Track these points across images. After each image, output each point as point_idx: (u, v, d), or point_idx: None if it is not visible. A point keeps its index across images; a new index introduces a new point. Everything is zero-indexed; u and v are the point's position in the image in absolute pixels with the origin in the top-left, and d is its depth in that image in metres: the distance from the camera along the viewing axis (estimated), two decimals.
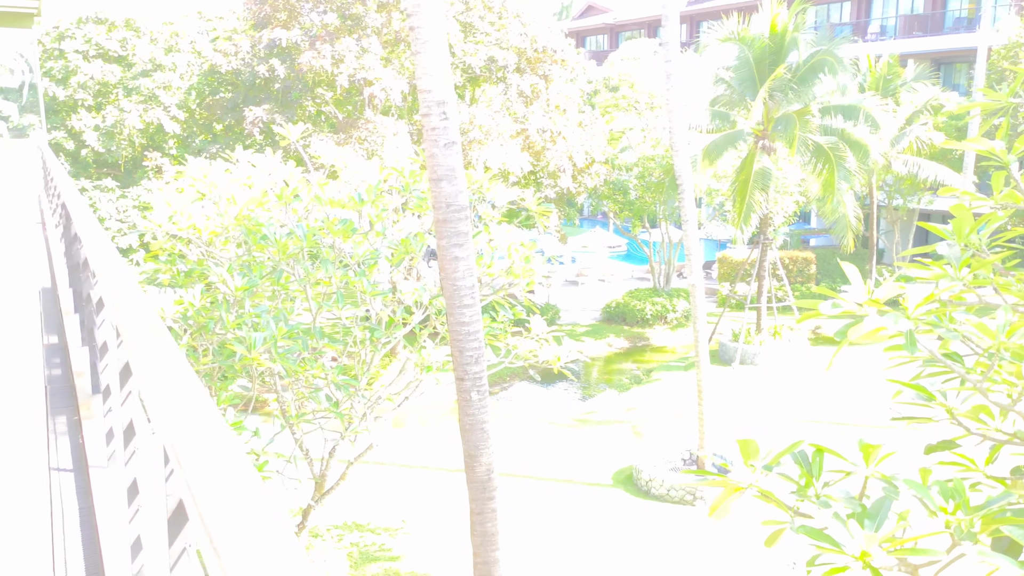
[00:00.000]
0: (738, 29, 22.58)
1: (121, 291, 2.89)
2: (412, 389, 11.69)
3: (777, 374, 23.31)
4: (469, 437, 7.18)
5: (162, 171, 22.85)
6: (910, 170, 29.29)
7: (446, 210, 6.91)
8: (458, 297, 7.03)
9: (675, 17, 13.99)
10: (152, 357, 2.12)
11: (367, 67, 20.17)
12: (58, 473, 4.28)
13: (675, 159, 14.67)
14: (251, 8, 22.99)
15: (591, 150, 23.90)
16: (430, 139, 6.76)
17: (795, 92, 22.11)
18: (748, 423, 19.22)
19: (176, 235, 10.46)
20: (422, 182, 11.41)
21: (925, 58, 38.69)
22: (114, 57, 22.57)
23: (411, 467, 17.03)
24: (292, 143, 12.19)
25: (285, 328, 9.39)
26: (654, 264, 33.02)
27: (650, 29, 59.12)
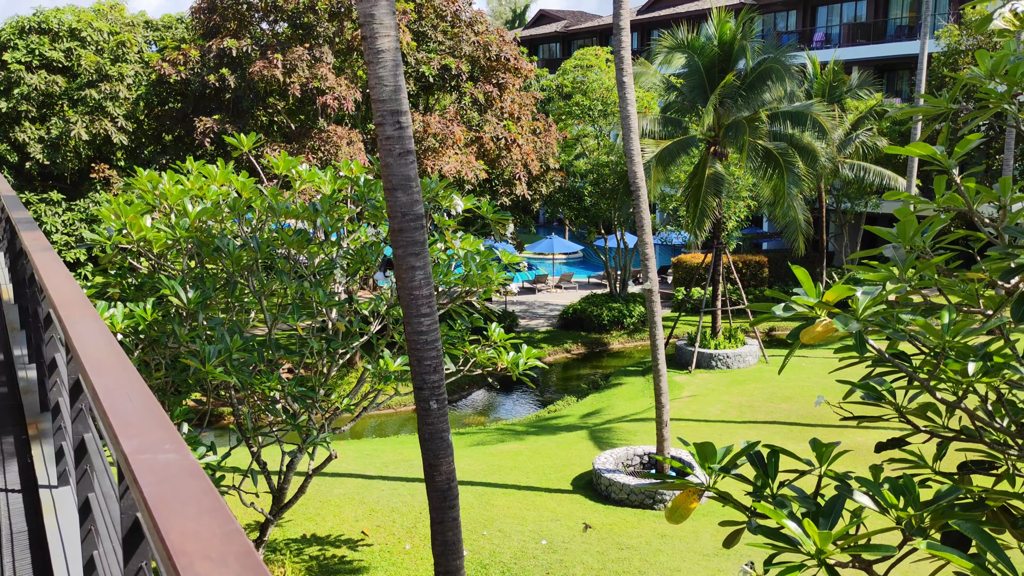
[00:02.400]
0: (688, 37, 22.92)
1: (70, 306, 2.83)
2: (371, 400, 11.62)
3: (734, 377, 23.64)
4: (429, 446, 7.15)
5: (110, 183, 22.41)
6: (856, 174, 30.01)
7: (401, 220, 6.89)
8: (415, 307, 7.01)
9: (627, 27, 14.15)
10: (105, 373, 2.09)
11: (320, 76, 20.04)
12: (4, 495, 4.17)
13: (630, 166, 14.82)
14: (200, 18, 22.69)
15: (546, 157, 24.03)
16: (384, 149, 6.73)
17: (744, 99, 22.51)
18: (707, 426, 19.46)
19: (126, 248, 10.25)
20: (377, 192, 11.36)
21: (868, 65, 39.73)
22: (58, 67, 22.09)
23: (370, 478, 16.89)
24: (245, 153, 12.05)
25: (240, 340, 9.26)
26: (610, 270, 33.29)
27: (602, 37, 59.69)
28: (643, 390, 23.52)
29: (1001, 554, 2.74)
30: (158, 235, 10.04)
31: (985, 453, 4.63)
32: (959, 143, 4.13)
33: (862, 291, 3.69)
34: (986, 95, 4.68)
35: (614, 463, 16.38)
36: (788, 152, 22.53)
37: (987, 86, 4.79)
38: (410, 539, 14.11)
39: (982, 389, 4.17)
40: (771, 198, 23.12)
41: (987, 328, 3.60)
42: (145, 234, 9.93)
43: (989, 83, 4.72)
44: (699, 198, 22.60)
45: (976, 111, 4.69)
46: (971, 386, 3.87)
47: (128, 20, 23.75)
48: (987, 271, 4.14)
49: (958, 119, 4.93)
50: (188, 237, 10.13)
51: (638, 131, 14.82)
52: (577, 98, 29.66)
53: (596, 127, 31.02)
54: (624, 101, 14.56)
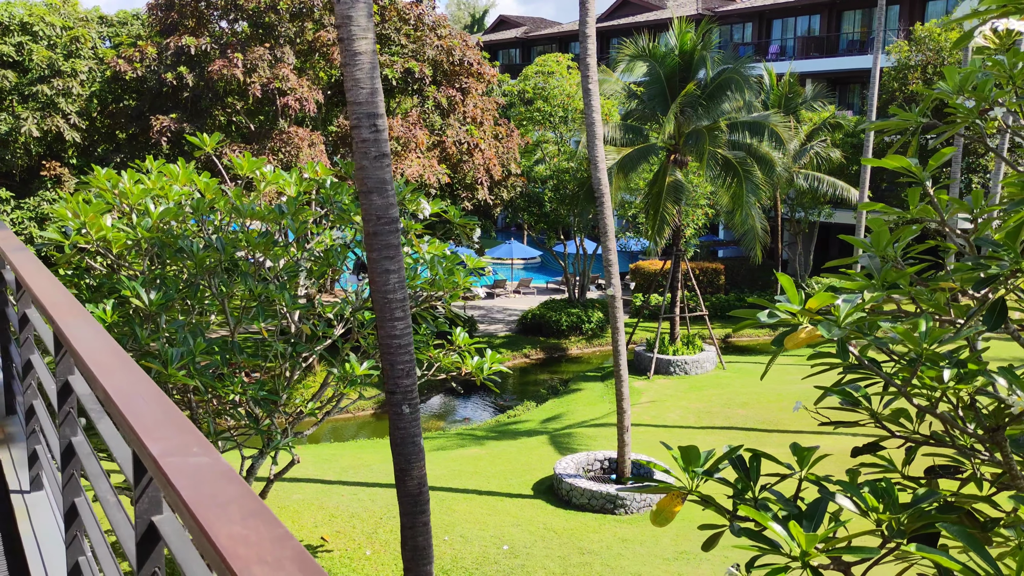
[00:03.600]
0: (650, 46, 23.20)
1: (62, 308, 2.76)
2: (334, 404, 11.51)
3: (692, 383, 23.91)
4: (401, 451, 7.11)
5: (61, 181, 21.85)
6: (811, 184, 30.64)
7: (376, 223, 6.85)
8: (389, 310, 6.97)
9: (593, 34, 14.27)
10: (114, 375, 2.04)
11: (281, 77, 19.82)
12: None
13: (594, 172, 14.93)
14: (156, 15, 22.30)
15: (508, 162, 24.09)
16: (360, 151, 6.69)
17: (704, 108, 22.84)
18: (666, 431, 19.65)
19: (83, 248, 10.01)
20: (344, 195, 11.28)
21: (822, 78, 40.63)
22: (9, 62, 21.48)
23: (329, 483, 16.72)
24: (206, 153, 11.87)
25: (203, 343, 9.11)
26: (569, 276, 33.46)
27: (562, 43, 60.06)
28: (602, 395, 23.68)
29: (986, 555, 2.83)
30: (118, 235, 9.83)
31: (951, 458, 4.77)
32: (933, 156, 4.25)
33: (843, 299, 3.78)
34: (954, 110, 4.82)
35: (575, 468, 16.45)
36: (747, 161, 22.91)
37: (955, 101, 4.94)
38: (371, 545, 14.00)
39: (952, 396, 4.30)
40: (730, 206, 23.48)
41: (962, 336, 3.72)
42: (105, 234, 9.72)
43: (957, 98, 4.86)
44: (659, 205, 22.85)
45: (945, 125, 4.84)
46: (944, 392, 3.99)
47: (82, 15, 23.21)
48: (957, 281, 4.27)
49: (927, 132, 5.10)
50: (150, 238, 9.94)
51: (602, 138, 14.95)
52: (538, 104, 29.79)
53: (557, 133, 31.20)
54: (589, 108, 14.67)
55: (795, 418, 20.18)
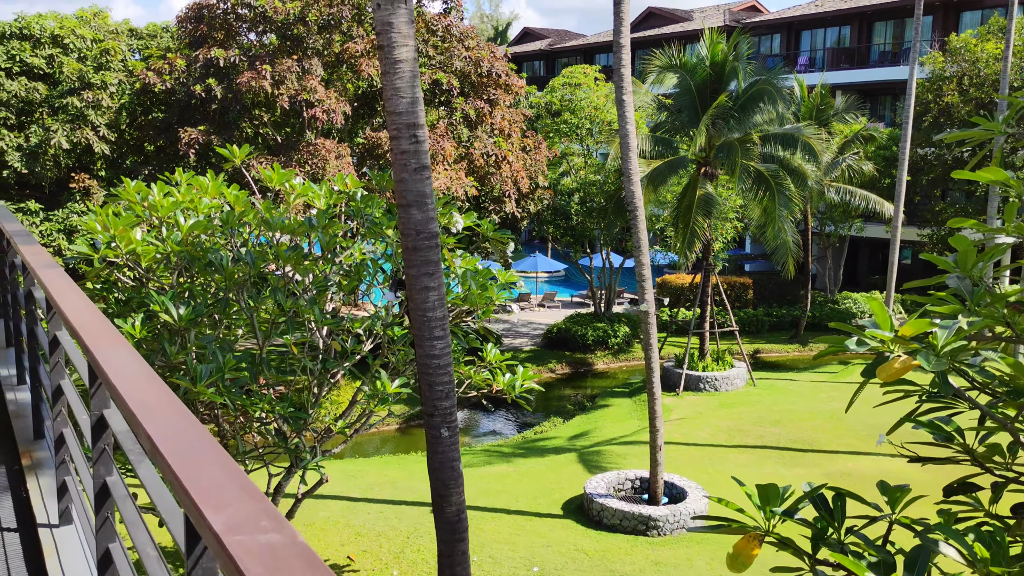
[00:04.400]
0: (680, 58, 22.90)
1: (97, 335, 2.51)
2: (363, 421, 11.25)
3: (722, 400, 23.45)
4: (439, 476, 6.82)
5: (90, 193, 21.88)
6: (842, 198, 30.10)
7: (416, 238, 6.59)
8: (428, 329, 6.70)
9: (627, 44, 14.00)
10: (158, 418, 1.78)
11: (309, 89, 19.71)
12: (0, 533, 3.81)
13: (627, 185, 14.64)
14: (186, 27, 22.32)
15: (535, 175, 23.84)
16: (399, 163, 6.45)
17: (736, 120, 22.49)
18: (697, 450, 19.21)
19: (113, 261, 9.85)
20: (374, 208, 11.06)
21: (852, 89, 40.05)
22: (39, 74, 21.56)
23: (354, 500, 16.45)
24: (236, 165, 11.70)
25: (233, 360, 8.89)
26: (594, 289, 33.10)
27: (586, 55, 59.90)
28: (631, 412, 23.28)
29: None
30: (147, 249, 9.65)
31: None
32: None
33: (940, 326, 3.44)
34: None
35: (605, 487, 16.08)
36: (779, 174, 22.51)
37: None
38: (397, 565, 13.71)
39: None
40: (761, 220, 23.07)
41: None
42: (134, 247, 9.54)
43: None
44: (689, 219, 22.48)
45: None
46: None
47: (112, 28, 23.30)
48: None
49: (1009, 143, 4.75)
50: (180, 251, 9.75)
51: (636, 150, 14.65)
52: (565, 116, 29.56)
53: (583, 145, 30.94)
54: (623, 120, 14.39)
55: (831, 437, 19.69)
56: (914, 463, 4.61)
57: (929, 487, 4.73)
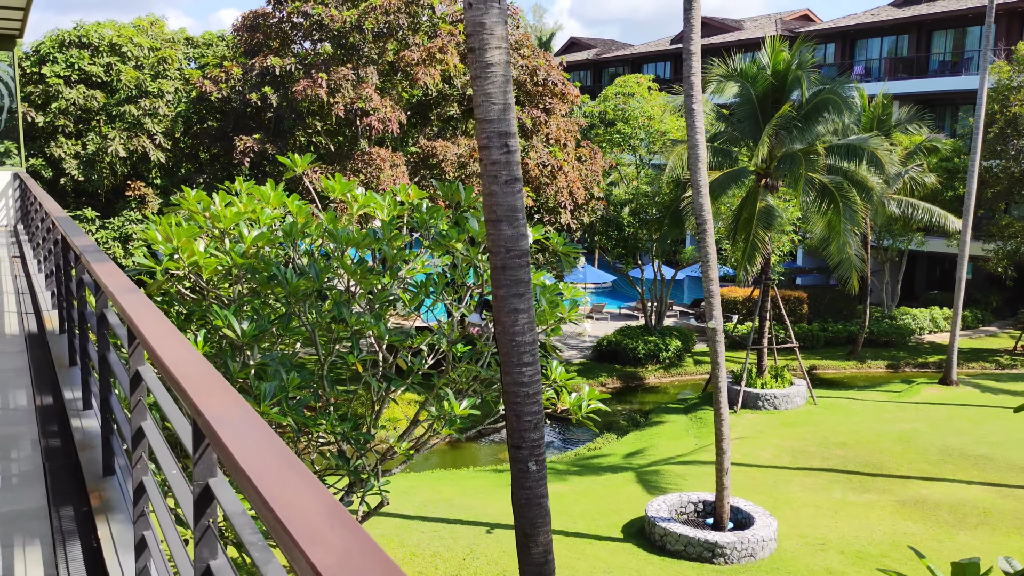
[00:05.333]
0: (741, 66, 22.25)
1: (190, 372, 2.09)
2: (425, 441, 10.80)
3: (782, 419, 22.64)
4: (525, 514, 6.34)
5: (145, 201, 21.88)
6: (904, 211, 29.09)
7: (505, 255, 6.14)
8: (517, 354, 6.24)
9: (698, 51, 13.46)
10: (274, 481, 1.33)
11: (364, 97, 19.46)
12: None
13: (696, 197, 14.07)
14: (242, 36, 22.26)
15: (591, 185, 23.32)
16: (489, 175, 6.00)
17: (799, 131, 21.76)
18: (760, 472, 18.47)
19: (174, 273, 9.56)
20: (439, 220, 10.65)
21: (909, 99, 38.89)
22: (97, 82, 21.64)
23: (408, 518, 16.04)
24: (297, 174, 11.40)
25: (297, 378, 8.52)
26: (645, 302, 32.43)
27: (633, 65, 59.26)
28: (686, 429, 22.59)
29: None
30: (210, 261, 9.34)
31: None
32: None
33: None
34: None
35: (667, 510, 15.45)
36: (844, 186, 21.71)
37: None
38: None
39: None
40: (825, 234, 22.27)
41: None
42: (197, 259, 9.24)
43: None
44: (750, 232, 21.77)
45: None
46: None
47: (169, 36, 23.36)
48: None
49: None
50: (243, 264, 9.43)
51: (706, 161, 14.07)
52: (619, 126, 29.02)
53: (636, 156, 30.36)
54: (692, 129, 13.84)
55: (900, 461, 18.81)
56: (990, 488, 3.99)
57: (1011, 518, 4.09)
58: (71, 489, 4.34)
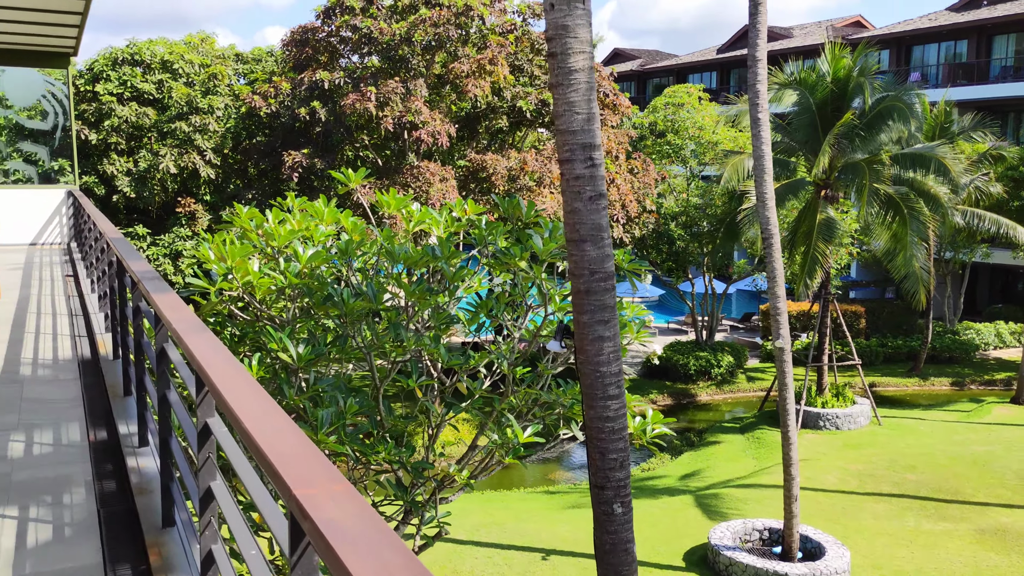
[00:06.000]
0: (800, 74, 21.56)
1: (245, 403, 1.67)
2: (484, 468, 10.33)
3: (845, 439, 21.74)
4: (609, 560, 5.84)
5: (195, 217, 21.85)
6: (969, 221, 27.98)
7: (589, 278, 5.66)
8: (601, 386, 5.75)
9: (763, 58, 12.88)
10: None
11: (414, 110, 19.18)
12: None
13: (761, 211, 13.46)
14: (291, 51, 22.18)
15: (643, 198, 22.76)
16: (572, 191, 5.55)
17: (862, 139, 20.97)
18: (827, 497, 17.65)
19: (228, 293, 9.25)
20: (499, 236, 10.22)
21: (969, 106, 37.63)
22: (149, 99, 21.71)
23: (460, 542, 15.58)
24: (350, 189, 11.07)
25: (355, 405, 8.12)
26: (696, 316, 31.67)
27: (679, 75, 58.51)
28: (744, 450, 21.81)
29: None
30: (264, 281, 9.01)
31: None
32: None
33: None
34: None
35: (731, 538, 14.76)
36: (910, 197, 20.85)
37: None
38: None
39: None
40: (890, 246, 21.41)
41: None
42: (251, 279, 8.91)
43: None
44: (809, 245, 21.00)
45: None
46: None
47: (219, 53, 23.40)
48: None
49: None
50: (297, 283, 9.09)
51: (771, 172, 13.46)
52: (669, 137, 28.43)
53: (687, 167, 29.72)
54: (758, 139, 13.24)
55: (977, 486, 17.85)
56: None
57: None
58: (127, 541, 3.94)
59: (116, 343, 7.10)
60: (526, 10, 21.94)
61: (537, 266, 9.23)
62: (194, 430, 2.86)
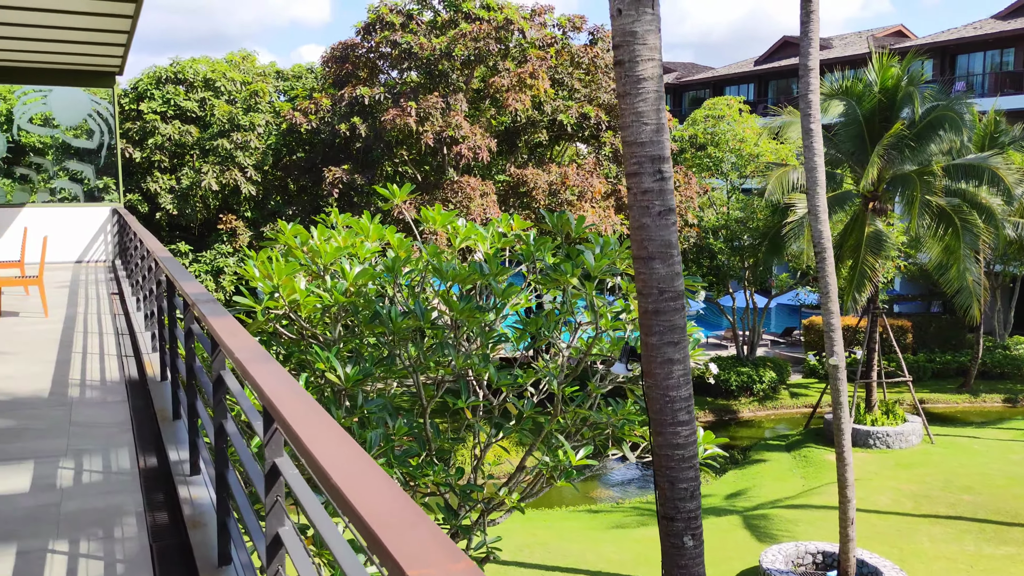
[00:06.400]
0: (846, 83, 21.10)
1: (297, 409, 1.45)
2: (534, 490, 10.06)
3: (897, 459, 21.09)
4: None
5: (236, 234, 21.92)
6: (1020, 234, 27.16)
7: (658, 298, 5.40)
8: (671, 412, 5.47)
9: (816, 67, 12.53)
10: None
11: (454, 125, 19.07)
12: None
13: (814, 224, 13.07)
14: (331, 67, 22.24)
15: (686, 212, 22.40)
16: (640, 206, 5.30)
17: (911, 150, 20.44)
18: (882, 520, 17.08)
19: (273, 312, 9.11)
20: (546, 252, 9.98)
21: (1018, 116, 36.69)
22: (192, 117, 21.89)
23: (504, 563, 15.27)
24: (396, 205, 10.92)
25: (404, 426, 7.92)
26: (737, 331, 31.11)
27: (715, 88, 58.00)
28: (791, 469, 21.26)
29: None
30: (311, 299, 8.87)
31: None
32: None
33: None
34: None
35: (784, 561, 14.30)
36: (963, 209, 20.25)
37: None
38: None
39: None
40: (942, 260, 20.80)
41: None
42: (298, 297, 8.77)
43: None
44: (858, 259, 20.47)
45: None
46: None
47: (260, 70, 23.57)
48: None
49: None
50: (343, 301, 8.92)
51: (824, 185, 13.07)
52: (710, 150, 28.04)
53: (727, 180, 29.28)
54: (810, 151, 12.88)
55: None
56: None
57: None
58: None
59: (164, 364, 6.96)
60: (566, 23, 21.77)
61: (589, 283, 8.99)
62: (256, 467, 2.64)
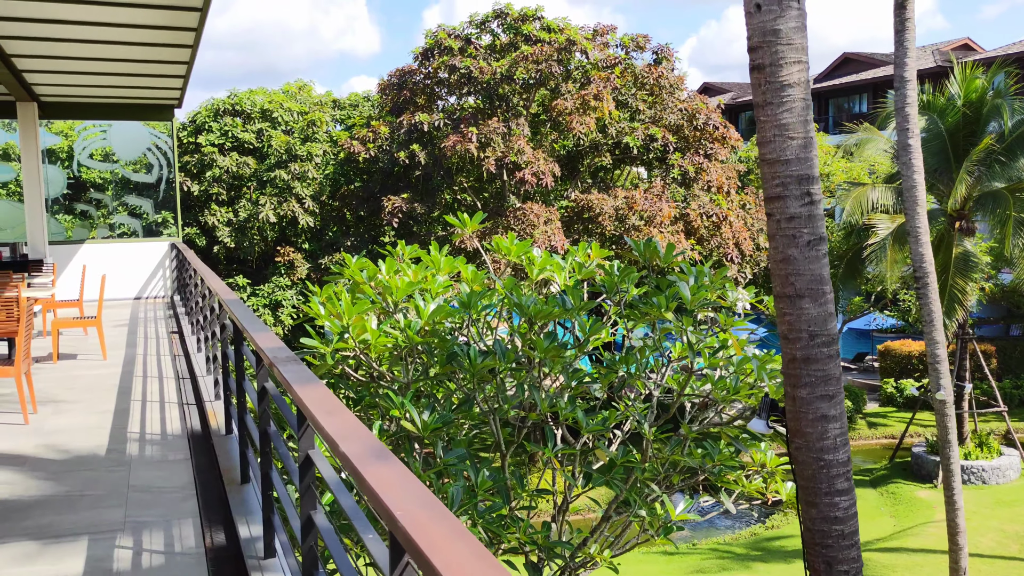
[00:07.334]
0: (928, 97, 19.99)
1: None
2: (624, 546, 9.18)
3: (996, 495, 19.61)
4: None
5: (294, 266, 21.55)
6: None
7: (808, 344, 4.59)
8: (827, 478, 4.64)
9: (913, 78, 11.59)
10: None
11: (516, 150, 18.44)
12: None
13: (914, 247, 12.05)
14: (388, 94, 21.87)
15: (757, 235, 21.39)
16: (784, 234, 4.51)
17: (1001, 166, 19.19)
18: (988, 564, 15.73)
19: (342, 353, 8.46)
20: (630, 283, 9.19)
21: None
22: (249, 149, 21.69)
23: None
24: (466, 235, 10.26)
25: (488, 480, 7.16)
26: None
27: None
28: (878, 507, 19.93)
29: None
30: (382, 339, 8.20)
31: None
32: None
33: None
34: None
35: None
36: None
37: None
38: None
39: None
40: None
41: None
42: (369, 337, 8.10)
43: None
44: (946, 281, 19.22)
45: None
46: None
47: (316, 100, 23.37)
48: None
49: None
50: (418, 341, 8.23)
51: (925, 204, 12.07)
52: None
53: None
54: (909, 168, 11.89)
55: None
56: None
57: None
58: None
59: (229, 416, 6.33)
60: (629, 43, 21.09)
61: (687, 317, 8.19)
62: (315, 526, 1.91)
